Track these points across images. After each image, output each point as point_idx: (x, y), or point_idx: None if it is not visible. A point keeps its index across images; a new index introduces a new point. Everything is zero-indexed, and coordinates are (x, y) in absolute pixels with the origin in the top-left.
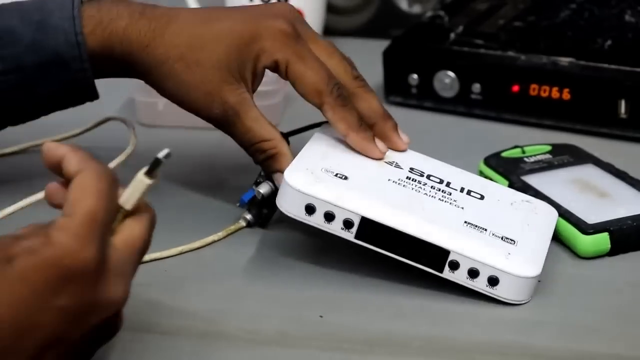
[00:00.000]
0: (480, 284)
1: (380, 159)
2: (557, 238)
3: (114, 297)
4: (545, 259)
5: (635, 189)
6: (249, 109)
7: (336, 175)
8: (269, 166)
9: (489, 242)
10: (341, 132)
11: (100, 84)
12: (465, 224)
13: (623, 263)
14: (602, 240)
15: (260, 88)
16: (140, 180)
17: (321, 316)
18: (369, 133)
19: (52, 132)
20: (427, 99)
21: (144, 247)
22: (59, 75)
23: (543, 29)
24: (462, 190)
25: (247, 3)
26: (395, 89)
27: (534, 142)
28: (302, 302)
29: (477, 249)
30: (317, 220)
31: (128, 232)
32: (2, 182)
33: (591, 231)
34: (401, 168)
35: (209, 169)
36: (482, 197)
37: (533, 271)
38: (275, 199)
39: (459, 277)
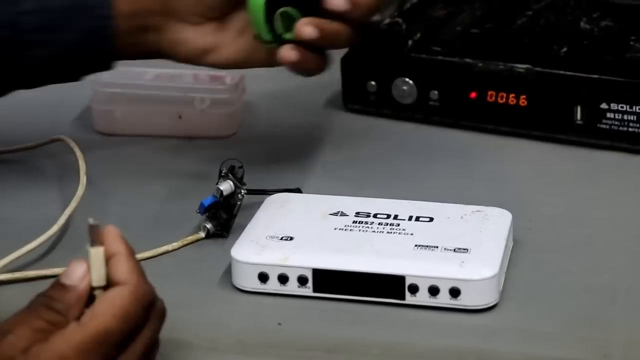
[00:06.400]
0: (443, 300)
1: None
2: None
3: None
4: (504, 265)
5: None
6: None
7: (281, 238)
8: None
9: (441, 257)
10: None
11: (58, 93)
12: (415, 247)
13: (579, 268)
14: None
15: (217, 96)
16: (96, 253)
17: (280, 324)
18: None
19: (4, 142)
20: (385, 106)
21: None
22: (82, 21)
23: (500, 36)
24: (410, 218)
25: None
26: (354, 96)
27: (492, 148)
28: (261, 310)
29: (430, 266)
30: (273, 286)
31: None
32: None
33: None
34: (347, 215)
35: (167, 176)
36: (431, 220)
37: (489, 272)
38: (235, 200)
39: (422, 299)
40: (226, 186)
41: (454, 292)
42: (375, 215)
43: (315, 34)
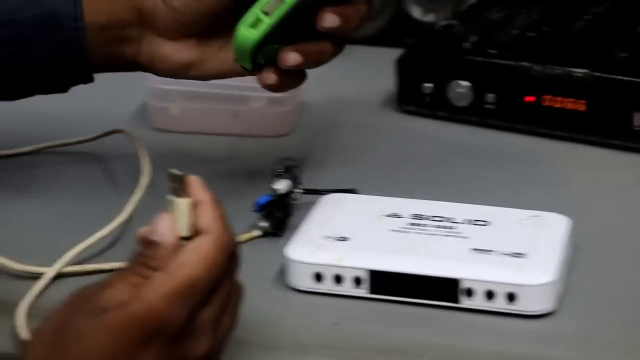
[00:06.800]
0: (500, 304)
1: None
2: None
3: (197, 354)
4: (562, 271)
5: None
6: None
7: (336, 239)
8: None
9: (497, 261)
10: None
11: (115, 88)
12: (471, 251)
13: (638, 276)
14: None
15: (273, 95)
16: (182, 203)
17: (335, 324)
18: None
19: (62, 136)
20: (440, 108)
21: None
22: (52, 34)
23: (557, 40)
24: (466, 221)
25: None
26: (409, 97)
27: (547, 153)
28: (316, 310)
29: (486, 270)
30: (328, 286)
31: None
32: (16, 183)
33: None
34: (402, 217)
35: (222, 174)
36: (487, 223)
37: (546, 277)
38: (290, 199)
39: (478, 302)
40: (282, 185)
41: (511, 297)
42: (430, 218)
43: (299, 60)
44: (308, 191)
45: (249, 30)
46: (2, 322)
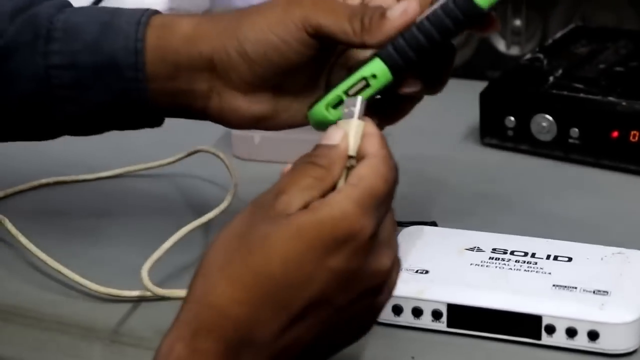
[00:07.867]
0: (581, 342)
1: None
2: None
3: (381, 268)
4: None
5: None
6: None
7: (417, 271)
8: None
9: (580, 298)
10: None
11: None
12: (553, 287)
13: None
14: None
15: None
16: (359, 125)
17: (413, 357)
18: None
19: (143, 160)
20: (523, 142)
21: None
22: (112, 82)
23: None
24: (548, 257)
25: None
26: (492, 131)
27: (634, 189)
28: (394, 342)
29: (569, 307)
30: (406, 319)
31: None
32: (99, 207)
33: None
34: (483, 250)
35: None
36: (569, 260)
37: (630, 316)
38: None
39: (559, 340)
40: None
41: (593, 335)
42: (512, 252)
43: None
44: None
45: (329, 110)
46: (83, 346)
